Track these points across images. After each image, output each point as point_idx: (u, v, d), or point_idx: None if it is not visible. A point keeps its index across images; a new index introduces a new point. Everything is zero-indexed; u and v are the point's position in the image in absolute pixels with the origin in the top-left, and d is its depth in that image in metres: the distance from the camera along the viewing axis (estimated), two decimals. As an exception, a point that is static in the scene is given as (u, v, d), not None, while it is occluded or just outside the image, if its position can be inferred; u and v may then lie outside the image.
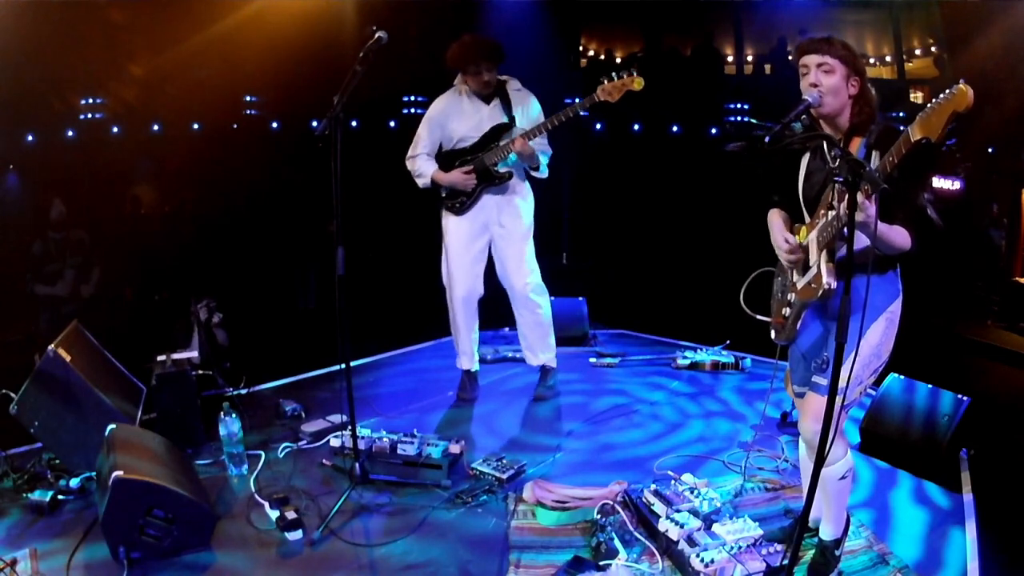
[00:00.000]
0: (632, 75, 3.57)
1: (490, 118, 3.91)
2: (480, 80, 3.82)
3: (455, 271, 4.08)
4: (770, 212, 2.67)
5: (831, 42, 2.28)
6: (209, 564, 2.71)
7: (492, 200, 4.02)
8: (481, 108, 3.92)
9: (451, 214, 4.06)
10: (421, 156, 4.01)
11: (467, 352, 4.26)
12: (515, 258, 4.07)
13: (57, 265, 5.42)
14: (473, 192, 3.98)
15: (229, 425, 3.29)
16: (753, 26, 7.14)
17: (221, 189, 5.99)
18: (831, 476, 2.50)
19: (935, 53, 6.44)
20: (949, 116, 1.90)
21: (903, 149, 2.03)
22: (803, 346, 2.61)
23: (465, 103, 3.93)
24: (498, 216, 4.03)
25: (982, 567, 2.70)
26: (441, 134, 3.99)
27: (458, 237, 4.07)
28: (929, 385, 3.55)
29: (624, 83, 3.58)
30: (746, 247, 3.02)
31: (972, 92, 1.86)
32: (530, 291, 4.12)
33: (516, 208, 4.04)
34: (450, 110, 3.94)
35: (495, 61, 3.80)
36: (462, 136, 3.94)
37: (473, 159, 3.94)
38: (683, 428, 3.97)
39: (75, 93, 5.97)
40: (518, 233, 4.05)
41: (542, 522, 2.99)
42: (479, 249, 4.10)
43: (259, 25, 5.69)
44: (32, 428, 3.20)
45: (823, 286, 2.34)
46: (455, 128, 3.94)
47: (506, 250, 4.07)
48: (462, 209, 4.02)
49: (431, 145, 4.02)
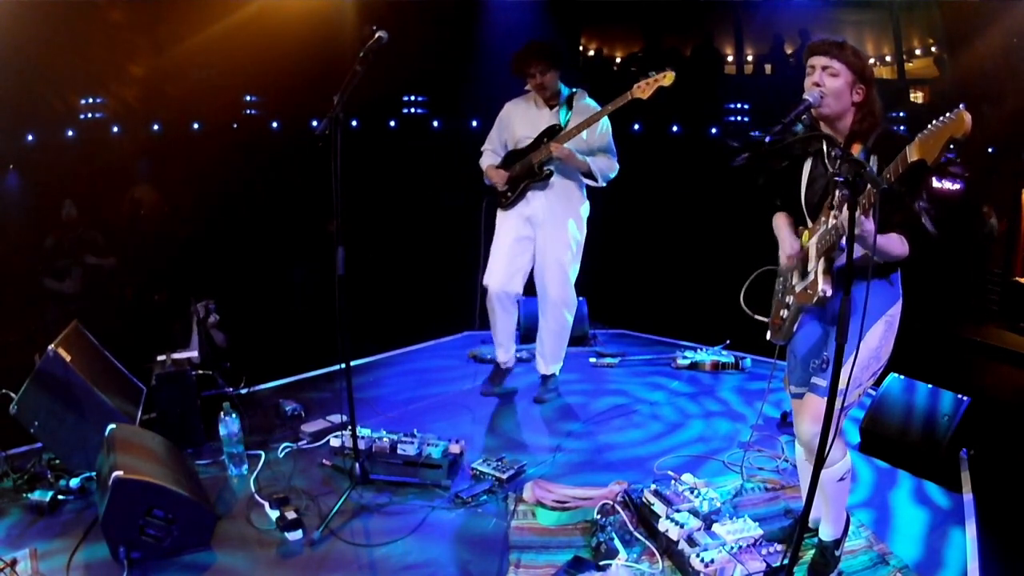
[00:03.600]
0: (664, 72, 3.60)
1: (548, 122, 3.98)
2: (535, 83, 3.90)
3: (492, 263, 4.14)
4: (775, 215, 2.67)
5: (842, 47, 2.28)
6: (209, 564, 2.71)
7: (539, 198, 4.05)
8: (543, 113, 4.01)
9: (500, 209, 4.17)
10: (486, 152, 4.21)
11: (501, 344, 4.29)
12: (554, 264, 4.09)
13: (67, 261, 5.44)
14: (518, 188, 4.04)
15: (229, 425, 3.29)
16: (753, 26, 7.13)
17: (221, 189, 5.98)
18: (830, 478, 2.49)
19: (935, 53, 6.44)
20: (946, 141, 1.89)
21: (899, 168, 2.03)
22: (800, 347, 2.61)
23: (532, 108, 4.05)
24: (544, 214, 4.05)
25: (982, 567, 2.70)
26: (507, 133, 4.12)
27: (503, 231, 4.14)
28: (929, 385, 3.55)
29: (656, 80, 3.61)
30: (746, 247, 3.02)
31: (970, 119, 1.85)
32: (560, 300, 4.14)
33: (564, 209, 4.05)
34: (517, 111, 4.09)
35: (546, 63, 3.86)
36: (521, 137, 4.04)
37: (525, 157, 4.01)
38: (683, 428, 3.97)
39: (75, 93, 5.97)
40: (561, 239, 4.06)
41: (542, 522, 2.99)
42: (520, 244, 4.11)
43: (259, 25, 5.69)
44: (32, 428, 3.20)
45: (818, 293, 2.35)
46: (517, 129, 4.06)
47: (546, 253, 4.09)
48: (507, 204, 4.11)
49: (497, 142, 4.18)
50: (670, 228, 6.49)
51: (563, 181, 4.01)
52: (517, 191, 4.05)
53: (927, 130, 1.94)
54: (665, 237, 6.50)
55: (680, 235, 6.42)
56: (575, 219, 4.08)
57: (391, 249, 6.32)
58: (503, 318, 4.20)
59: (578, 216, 4.09)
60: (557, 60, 3.89)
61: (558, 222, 4.04)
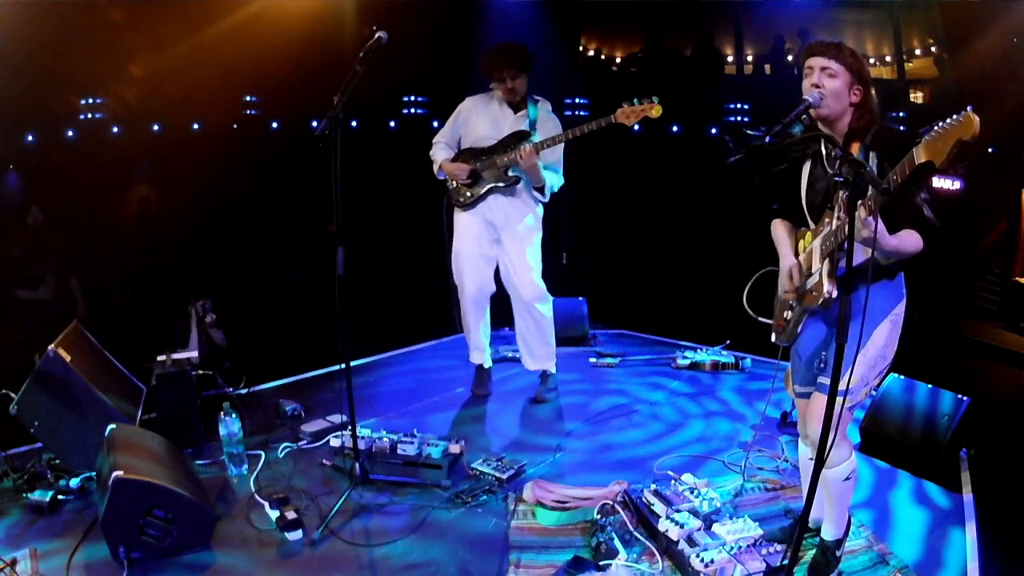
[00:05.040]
0: (652, 102, 3.60)
1: (512, 125, 3.97)
2: (505, 87, 3.89)
3: (464, 268, 4.13)
4: (773, 224, 2.66)
5: (840, 48, 2.28)
6: (209, 564, 2.71)
7: (501, 202, 4.05)
8: (508, 115, 4.00)
9: (459, 210, 4.13)
10: (440, 144, 4.13)
11: (479, 347, 4.32)
12: (519, 263, 4.10)
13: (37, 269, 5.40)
14: (479, 189, 4.02)
15: (229, 425, 3.29)
16: (753, 26, 7.12)
17: (221, 189, 5.98)
18: (835, 477, 2.50)
19: (935, 53, 6.43)
20: (955, 143, 1.88)
21: (907, 170, 2.02)
22: (804, 347, 2.61)
23: (494, 106, 4.02)
24: (505, 220, 4.07)
25: (982, 567, 2.70)
26: (464, 129, 4.08)
27: (467, 233, 4.12)
28: (929, 385, 3.55)
29: (644, 109, 3.61)
30: (746, 247, 3.02)
31: (978, 121, 1.84)
32: (533, 297, 4.14)
33: (523, 213, 4.07)
34: (478, 108, 4.05)
35: (519, 68, 3.87)
36: (482, 135, 4.02)
37: (487, 158, 3.99)
38: (683, 428, 3.97)
39: (75, 93, 5.96)
40: (524, 238, 4.09)
41: (542, 522, 2.99)
42: (488, 247, 4.13)
43: (259, 25, 5.68)
44: (32, 428, 3.20)
45: (824, 294, 2.35)
46: (477, 126, 4.02)
47: (512, 254, 4.10)
48: (466, 205, 4.08)
49: (450, 136, 4.12)
50: (670, 228, 6.49)
51: (525, 187, 4.04)
52: (479, 193, 4.03)
53: (934, 132, 1.92)
54: (665, 237, 6.50)
55: (680, 235, 6.42)
56: (533, 216, 4.11)
57: (391, 249, 6.32)
58: (478, 318, 4.24)
59: (536, 214, 4.12)
60: (529, 66, 3.90)
61: (519, 225, 4.07)
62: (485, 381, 4.42)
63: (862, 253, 2.19)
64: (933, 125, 1.93)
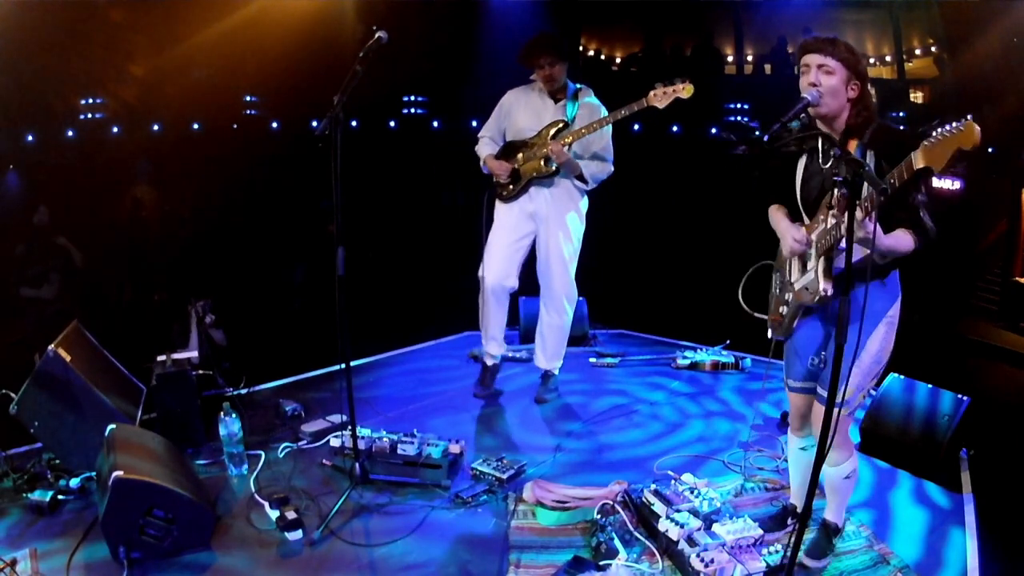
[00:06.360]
0: (685, 82, 3.54)
1: (553, 115, 3.95)
2: (543, 74, 3.87)
3: (489, 257, 4.11)
4: (771, 208, 2.67)
5: (835, 44, 2.28)
6: (209, 564, 2.71)
7: (543, 194, 4.03)
8: (548, 105, 3.98)
9: (500, 201, 4.13)
10: (484, 139, 4.14)
11: (494, 338, 4.27)
12: (558, 258, 4.08)
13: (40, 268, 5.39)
14: (521, 182, 4.01)
15: (229, 425, 3.29)
16: (753, 26, 7.13)
17: (221, 189, 5.98)
18: (837, 475, 2.56)
19: (935, 53, 6.43)
20: (954, 152, 1.88)
21: (905, 174, 2.02)
22: (800, 344, 2.62)
23: (534, 97, 4.00)
24: (548, 210, 4.03)
25: (982, 567, 2.70)
26: (507, 121, 4.07)
27: (501, 224, 4.11)
28: (929, 385, 3.55)
29: (676, 90, 3.56)
30: (746, 247, 3.02)
31: (979, 131, 1.84)
32: (564, 292, 4.14)
33: (565, 205, 4.04)
34: (520, 100, 4.03)
35: (555, 55, 3.84)
36: (523, 127, 4.00)
37: (527, 150, 3.98)
38: (683, 428, 3.97)
39: (75, 93, 5.96)
40: (564, 234, 4.06)
41: (542, 522, 2.99)
42: (520, 240, 4.11)
43: (259, 25, 5.68)
44: (32, 428, 3.20)
45: (819, 292, 2.36)
46: (519, 118, 4.01)
47: (550, 248, 4.08)
48: (508, 197, 4.07)
49: (495, 130, 4.13)
50: (670, 228, 6.49)
51: (567, 177, 4.01)
52: (520, 185, 4.02)
53: (933, 138, 1.92)
54: (665, 237, 6.51)
55: (680, 235, 6.42)
56: (576, 212, 4.08)
57: (391, 249, 6.32)
58: (497, 311, 4.20)
59: (579, 210, 4.09)
60: (565, 53, 3.88)
61: (561, 217, 4.03)
62: (489, 381, 4.39)
63: (858, 251, 2.20)
64: (933, 128, 1.92)
